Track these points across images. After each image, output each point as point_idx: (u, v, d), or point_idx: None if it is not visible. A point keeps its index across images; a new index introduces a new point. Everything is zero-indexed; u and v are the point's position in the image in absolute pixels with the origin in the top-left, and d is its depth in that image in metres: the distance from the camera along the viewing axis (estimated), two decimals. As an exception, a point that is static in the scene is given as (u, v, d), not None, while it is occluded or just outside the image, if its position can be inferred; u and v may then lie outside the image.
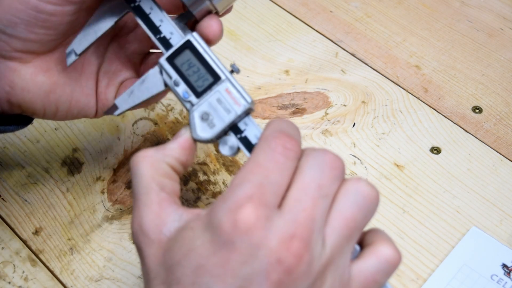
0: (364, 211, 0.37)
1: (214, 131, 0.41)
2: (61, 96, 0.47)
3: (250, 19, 0.68)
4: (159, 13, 0.44)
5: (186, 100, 0.42)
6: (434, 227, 0.53)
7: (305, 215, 0.35)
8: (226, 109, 0.41)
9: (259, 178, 0.35)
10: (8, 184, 0.56)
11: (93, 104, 0.48)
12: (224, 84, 0.42)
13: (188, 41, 0.43)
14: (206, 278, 0.34)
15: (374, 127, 0.60)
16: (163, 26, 0.44)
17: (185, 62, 0.43)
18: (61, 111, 0.47)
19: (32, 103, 0.46)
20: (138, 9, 0.44)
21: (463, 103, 0.61)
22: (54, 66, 0.46)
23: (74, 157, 0.58)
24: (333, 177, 0.36)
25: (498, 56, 0.65)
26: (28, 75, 0.45)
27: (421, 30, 0.68)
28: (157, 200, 0.38)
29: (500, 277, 0.50)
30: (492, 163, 0.57)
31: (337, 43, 0.67)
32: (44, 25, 0.43)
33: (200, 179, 0.56)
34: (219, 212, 0.35)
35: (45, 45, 0.45)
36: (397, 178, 0.56)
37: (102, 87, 0.49)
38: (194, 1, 0.43)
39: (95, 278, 0.50)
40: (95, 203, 0.55)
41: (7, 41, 0.44)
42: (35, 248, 0.52)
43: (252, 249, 0.34)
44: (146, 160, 0.40)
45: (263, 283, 0.34)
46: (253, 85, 0.63)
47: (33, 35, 0.44)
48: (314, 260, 0.35)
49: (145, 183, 0.39)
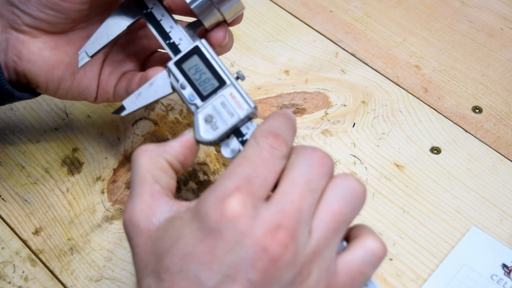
0: (351, 205, 0.37)
1: (216, 133, 0.43)
2: (64, 74, 0.49)
3: (250, 19, 0.68)
4: (170, 20, 0.46)
5: (192, 103, 0.44)
6: (434, 227, 0.53)
7: (293, 206, 0.36)
8: (229, 113, 0.43)
9: (247, 171, 0.37)
10: (8, 184, 0.56)
11: (94, 88, 0.50)
12: (229, 88, 0.44)
13: (197, 46, 0.45)
14: (193, 265, 0.35)
15: (374, 127, 0.60)
16: (173, 32, 0.46)
17: (193, 67, 0.45)
18: (62, 88, 0.50)
19: (36, 75, 0.48)
20: (150, 16, 0.47)
21: (463, 103, 0.61)
22: (61, 46, 0.49)
23: (74, 157, 0.58)
24: (321, 173, 0.37)
25: (498, 56, 0.65)
26: (36, 49, 0.48)
27: (421, 30, 0.68)
28: (149, 191, 0.39)
29: (500, 277, 0.50)
30: (492, 163, 0.57)
31: (337, 43, 0.67)
32: (55, 7, 0.46)
33: (200, 179, 0.56)
34: (207, 201, 0.36)
35: (54, 26, 0.48)
36: (397, 178, 0.56)
37: (105, 74, 0.51)
38: (203, 10, 0.45)
39: (95, 278, 0.50)
40: (95, 203, 0.55)
41: (19, 16, 0.47)
42: (35, 248, 0.52)
43: (238, 237, 0.35)
44: (145, 153, 0.41)
45: (249, 270, 0.34)
46: (253, 85, 0.63)
47: (43, 14, 0.46)
48: (299, 250, 0.35)
49: (141, 174, 0.40)
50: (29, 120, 0.60)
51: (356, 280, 0.37)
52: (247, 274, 0.34)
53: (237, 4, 0.45)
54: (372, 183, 0.56)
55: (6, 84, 0.47)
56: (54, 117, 0.60)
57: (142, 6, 0.47)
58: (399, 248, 0.52)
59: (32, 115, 0.60)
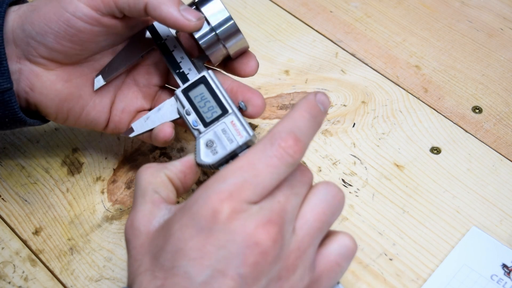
0: (333, 208, 0.40)
1: (216, 157, 0.45)
2: (73, 107, 0.50)
3: (250, 19, 0.68)
4: (181, 51, 0.50)
5: (195, 128, 0.47)
6: (434, 227, 0.53)
7: (279, 206, 0.38)
8: (229, 139, 0.46)
9: (246, 176, 0.37)
10: (8, 184, 0.56)
11: (103, 121, 0.52)
12: (230, 116, 0.47)
13: (203, 76, 0.49)
14: (184, 261, 0.36)
15: (374, 127, 0.60)
16: (183, 62, 0.50)
17: (198, 95, 0.48)
18: (70, 119, 0.51)
19: (47, 107, 0.49)
20: (163, 46, 0.50)
21: (463, 103, 0.61)
22: (74, 78, 0.50)
23: (74, 157, 0.58)
24: (302, 182, 0.40)
25: (498, 56, 0.65)
26: (49, 82, 0.49)
27: (421, 30, 0.68)
28: (150, 200, 0.41)
29: (500, 277, 0.50)
30: (492, 163, 0.57)
31: (337, 43, 0.67)
32: (72, 39, 0.47)
33: (200, 179, 0.56)
34: (199, 200, 0.37)
35: (70, 58, 0.49)
36: (397, 178, 0.56)
37: (118, 111, 0.52)
38: (208, 46, 0.49)
39: (95, 278, 0.50)
40: (95, 203, 0.55)
41: (35, 47, 0.47)
42: (35, 248, 0.52)
43: (229, 236, 0.36)
44: (147, 170, 0.43)
45: (239, 265, 0.36)
46: (253, 85, 0.63)
47: (60, 46, 0.47)
48: (285, 245, 0.37)
49: (143, 187, 0.42)
50: (29, 120, 0.60)
51: (333, 271, 0.40)
52: (237, 269, 0.36)
53: (241, 41, 0.49)
54: (372, 183, 0.56)
55: (19, 113, 0.48)
56: (54, 117, 0.60)
57: (157, 37, 0.51)
58: (399, 248, 0.52)
59: (32, 115, 0.60)
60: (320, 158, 0.57)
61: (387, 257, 0.51)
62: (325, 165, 0.57)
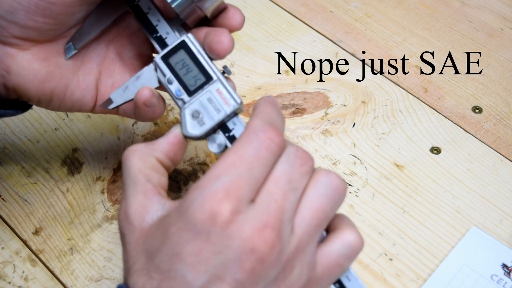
0: (332, 202, 0.38)
1: (203, 129, 0.43)
2: (56, 87, 0.47)
3: (250, 19, 0.68)
4: (157, 14, 0.46)
5: (179, 98, 0.44)
6: (434, 227, 0.53)
7: (276, 206, 0.36)
8: (216, 109, 0.43)
9: (240, 171, 0.37)
10: (8, 184, 0.56)
11: (89, 99, 0.49)
12: (215, 84, 0.44)
13: (183, 41, 0.45)
14: (180, 265, 0.36)
15: (374, 127, 0.60)
16: (159, 26, 0.46)
17: (179, 62, 0.44)
18: (55, 101, 0.48)
19: (27, 90, 0.46)
20: (136, 8, 0.46)
21: (463, 103, 0.61)
22: (51, 57, 0.47)
23: (74, 157, 0.58)
24: (302, 172, 0.38)
25: (498, 56, 0.65)
26: (25, 62, 0.45)
27: (421, 30, 0.68)
28: (142, 190, 0.40)
29: (500, 277, 0.50)
30: (492, 163, 0.57)
31: (337, 43, 0.67)
32: (44, 13, 0.44)
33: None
34: (194, 202, 0.36)
35: (44, 34, 0.45)
36: (397, 178, 0.56)
37: (108, 87, 0.49)
38: (182, 9, 0.45)
39: (95, 278, 0.50)
40: (95, 203, 0.55)
41: (6, 27, 0.44)
42: (35, 248, 0.52)
43: (226, 240, 0.35)
44: (135, 153, 0.41)
45: (236, 271, 0.35)
46: (253, 85, 0.63)
47: (32, 22, 0.44)
48: (283, 248, 0.36)
49: (133, 174, 0.40)
50: (29, 120, 0.60)
51: (333, 272, 0.39)
52: (234, 275, 0.35)
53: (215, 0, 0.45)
54: (372, 183, 0.56)
55: None
56: (54, 117, 0.60)
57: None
58: (399, 248, 0.52)
59: (32, 115, 0.60)
60: (320, 158, 0.57)
61: (387, 257, 0.51)
62: (325, 165, 0.57)
